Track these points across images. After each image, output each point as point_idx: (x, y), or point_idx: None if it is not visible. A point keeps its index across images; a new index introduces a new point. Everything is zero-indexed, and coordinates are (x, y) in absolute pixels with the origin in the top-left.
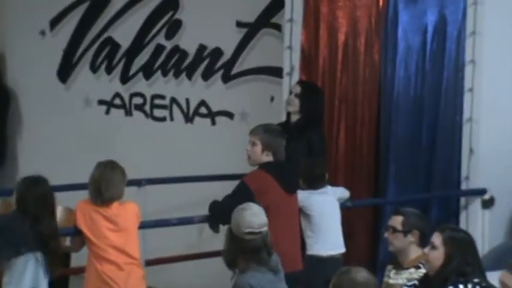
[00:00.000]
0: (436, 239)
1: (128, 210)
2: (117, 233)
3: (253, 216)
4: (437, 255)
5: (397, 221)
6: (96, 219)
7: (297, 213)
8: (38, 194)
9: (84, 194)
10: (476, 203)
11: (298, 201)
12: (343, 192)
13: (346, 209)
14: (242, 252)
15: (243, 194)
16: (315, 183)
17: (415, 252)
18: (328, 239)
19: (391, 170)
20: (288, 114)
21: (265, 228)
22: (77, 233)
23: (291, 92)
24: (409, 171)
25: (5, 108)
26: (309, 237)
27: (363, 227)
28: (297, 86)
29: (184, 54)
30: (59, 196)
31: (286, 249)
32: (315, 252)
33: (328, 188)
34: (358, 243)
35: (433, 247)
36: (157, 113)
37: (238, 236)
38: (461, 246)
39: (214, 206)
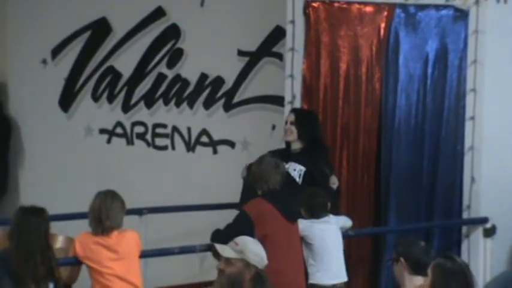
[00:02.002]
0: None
1: (128, 239)
2: (119, 261)
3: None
4: (426, 282)
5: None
6: (97, 250)
7: (298, 241)
8: (32, 226)
9: (85, 223)
10: (478, 231)
11: (300, 231)
12: (345, 221)
13: (347, 238)
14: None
15: (244, 222)
16: (317, 212)
17: (410, 280)
18: (330, 268)
19: (393, 199)
20: (287, 142)
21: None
22: (75, 263)
23: (286, 122)
24: (410, 200)
25: (6, 137)
26: (311, 266)
27: (364, 256)
28: (291, 114)
29: (185, 83)
30: (60, 225)
31: (289, 278)
32: (317, 281)
33: (331, 217)
34: (360, 272)
35: (427, 275)
36: (159, 141)
37: (261, 268)
38: (446, 274)
39: (216, 234)
